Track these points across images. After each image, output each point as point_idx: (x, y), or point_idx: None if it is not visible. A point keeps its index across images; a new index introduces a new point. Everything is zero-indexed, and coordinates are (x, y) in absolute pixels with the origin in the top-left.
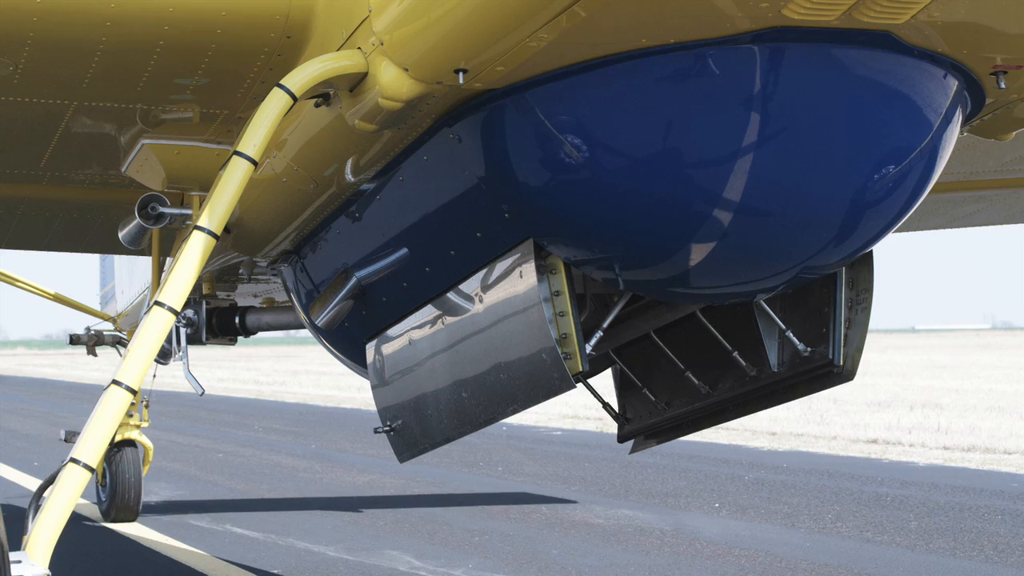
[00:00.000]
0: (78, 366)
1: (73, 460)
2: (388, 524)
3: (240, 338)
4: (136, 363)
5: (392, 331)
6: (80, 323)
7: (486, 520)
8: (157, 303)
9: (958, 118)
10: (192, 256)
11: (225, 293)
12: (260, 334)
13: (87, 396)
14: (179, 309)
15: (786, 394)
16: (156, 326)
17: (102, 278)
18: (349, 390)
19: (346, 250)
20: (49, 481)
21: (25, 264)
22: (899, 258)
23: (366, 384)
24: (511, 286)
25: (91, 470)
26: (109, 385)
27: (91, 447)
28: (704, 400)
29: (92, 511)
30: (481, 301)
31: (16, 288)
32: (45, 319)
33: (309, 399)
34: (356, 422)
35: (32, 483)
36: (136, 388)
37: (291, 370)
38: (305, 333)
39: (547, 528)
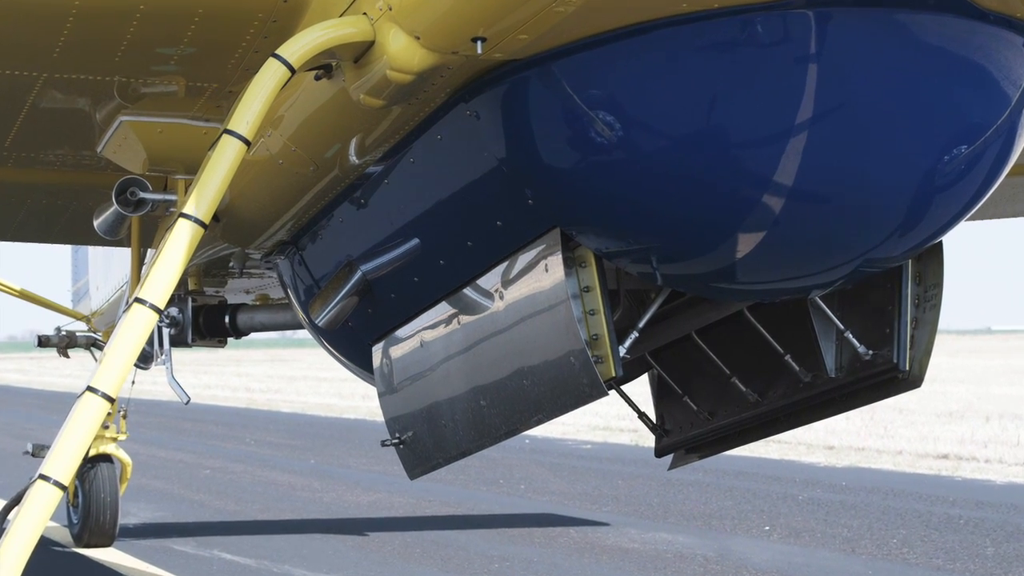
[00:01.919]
0: (46, 371)
1: (42, 477)
2: (396, 549)
3: (230, 339)
4: (114, 368)
5: (401, 332)
6: (49, 323)
7: (507, 544)
8: (137, 300)
9: None
10: (177, 247)
11: (214, 289)
12: (253, 335)
13: (57, 405)
14: (162, 307)
15: (845, 403)
16: (136, 326)
17: (74, 272)
18: (353, 398)
19: (350, 241)
20: (14, 501)
21: None
22: (972, 250)
23: (372, 391)
24: (535, 281)
25: (62, 488)
26: (83, 392)
27: (62, 462)
28: (752, 409)
29: (63, 535)
30: (502, 298)
31: None
32: (9, 318)
33: (307, 408)
34: (360, 434)
35: None
36: (114, 395)
37: (287, 375)
38: (303, 334)
39: (575, 553)
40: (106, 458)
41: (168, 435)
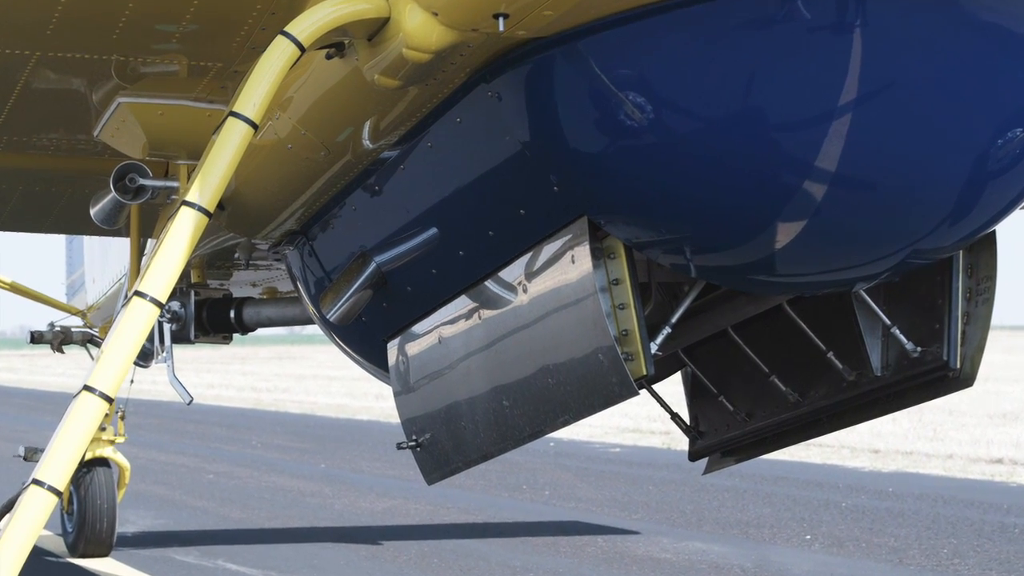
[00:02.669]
0: (38, 370)
1: (36, 482)
2: (413, 559)
3: (236, 335)
4: (112, 365)
5: (419, 327)
6: (42, 318)
7: (530, 554)
8: (137, 294)
9: None
10: (179, 237)
11: (218, 282)
12: (259, 331)
13: (49, 406)
14: (163, 301)
15: (891, 403)
16: (136, 321)
17: (68, 264)
18: (365, 398)
19: (363, 230)
20: (5, 508)
21: None
22: None
23: (387, 391)
24: (561, 273)
25: (57, 494)
26: (80, 392)
27: (57, 466)
28: (792, 410)
29: (57, 544)
30: (525, 291)
31: None
32: None
33: (317, 409)
34: (374, 436)
35: None
36: (112, 395)
37: (296, 374)
38: (313, 330)
39: (603, 564)
40: (103, 462)
41: (169, 438)
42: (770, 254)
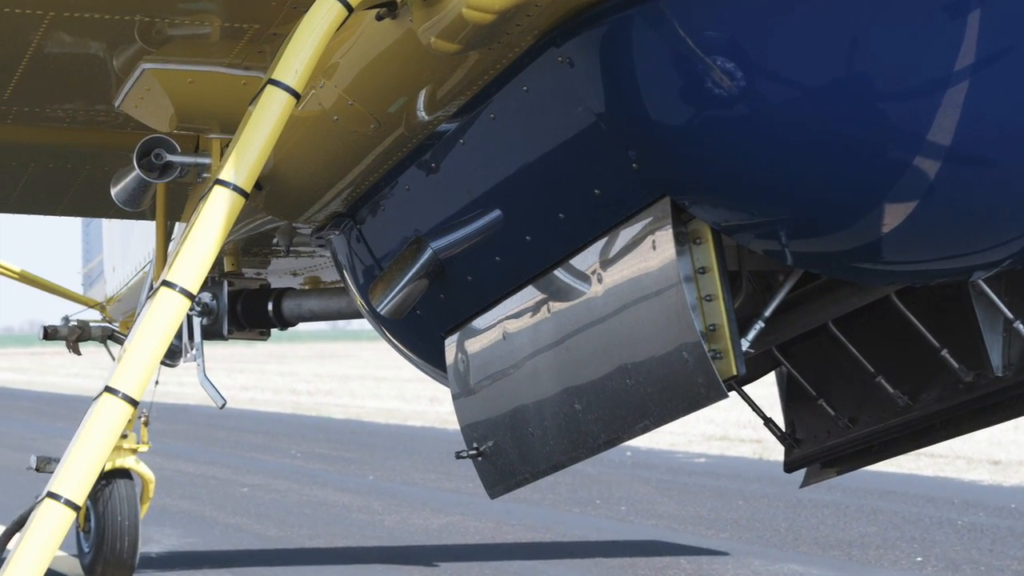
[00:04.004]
0: (49, 369)
1: (51, 495)
2: None
3: (274, 331)
4: (136, 365)
5: (480, 321)
6: (54, 311)
7: None
8: (165, 284)
9: None
10: (211, 221)
11: (255, 271)
12: (300, 326)
13: (63, 410)
14: (194, 292)
15: (1014, 408)
16: (163, 315)
17: (85, 251)
18: (419, 401)
19: (418, 212)
20: (16, 526)
21: None
22: None
23: (444, 393)
24: (641, 261)
25: (74, 508)
26: (101, 394)
27: (75, 477)
28: (901, 415)
29: (71, 566)
30: (600, 281)
31: None
32: (5, 306)
33: (364, 414)
34: (428, 444)
35: None
36: (137, 398)
37: (340, 374)
38: (359, 325)
39: None
40: (124, 473)
41: (198, 446)
42: (878, 239)
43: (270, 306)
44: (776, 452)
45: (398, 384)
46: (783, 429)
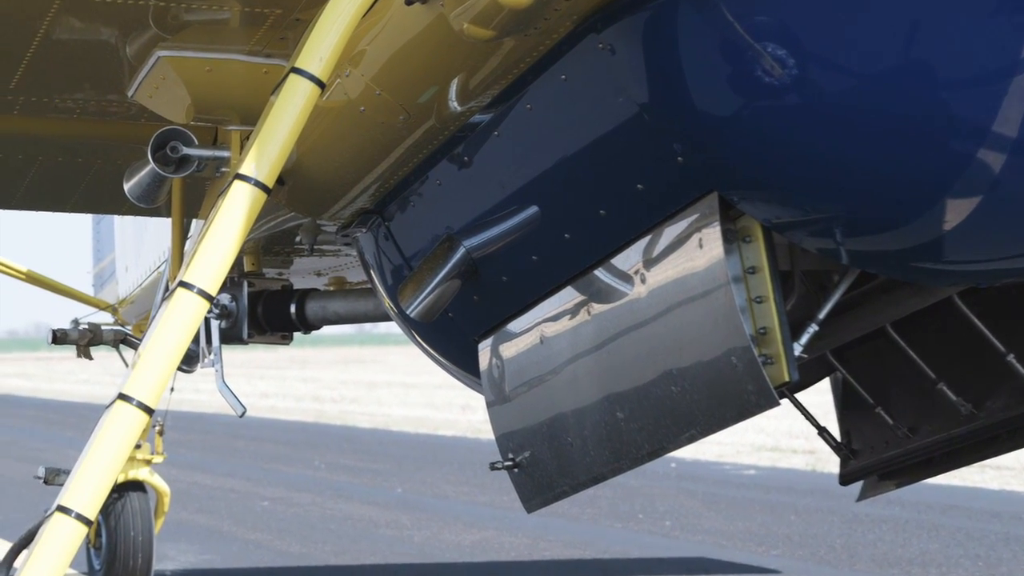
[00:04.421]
0: (56, 376)
1: (61, 509)
2: None
3: (296, 335)
4: (151, 370)
5: (516, 324)
6: (64, 314)
7: None
8: (182, 284)
9: None
10: (231, 217)
11: (276, 271)
12: (324, 329)
13: (72, 419)
14: (213, 293)
15: None
16: (180, 317)
17: (96, 249)
18: (450, 409)
19: (450, 209)
20: (24, 542)
21: None
22: None
23: (478, 400)
24: (687, 260)
25: (86, 523)
26: (115, 401)
27: (87, 490)
28: (965, 425)
29: None
30: (643, 282)
31: None
32: (10, 308)
33: (392, 423)
34: (461, 455)
35: None
36: (153, 405)
37: (366, 381)
38: (386, 328)
39: None
40: (137, 486)
41: (216, 457)
42: (943, 235)
43: (293, 308)
44: (831, 464)
45: (428, 391)
46: (838, 439)
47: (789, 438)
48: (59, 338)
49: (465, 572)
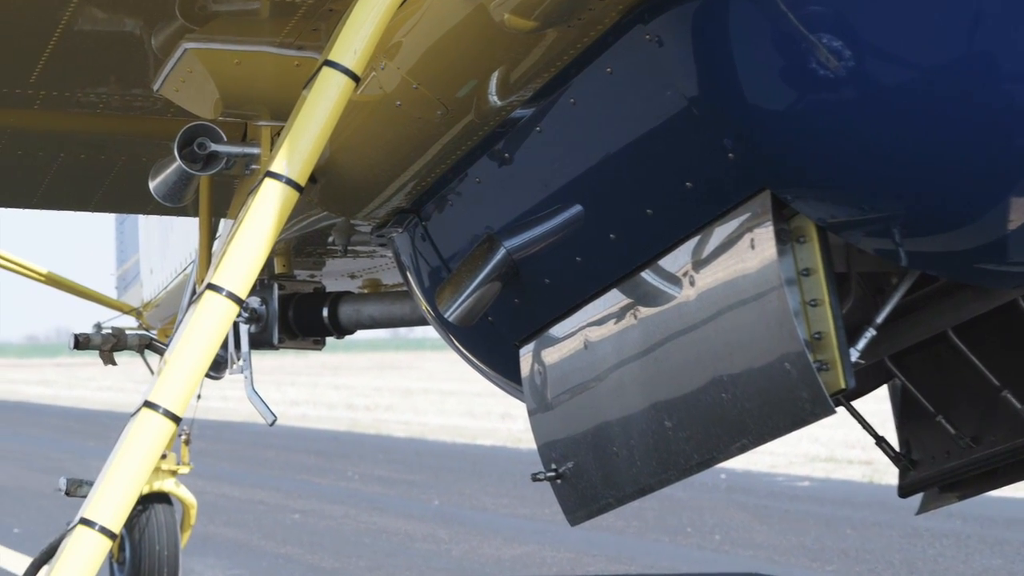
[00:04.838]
0: (78, 382)
1: (84, 522)
2: None
3: (329, 340)
4: (178, 377)
5: (559, 329)
6: (86, 318)
7: None
8: (210, 287)
9: None
10: (262, 217)
11: (308, 273)
12: (358, 334)
13: (94, 428)
14: (243, 296)
15: None
16: (208, 321)
17: (120, 251)
18: (489, 418)
19: (490, 208)
20: (45, 556)
21: (3, 231)
22: None
23: (518, 408)
24: (738, 261)
25: (111, 536)
26: (140, 409)
27: (112, 502)
28: None
29: None
30: (692, 284)
31: None
32: (30, 312)
33: (429, 432)
34: (500, 466)
35: (16, 561)
36: (180, 413)
37: (402, 388)
38: (423, 332)
39: None
40: (163, 497)
41: (244, 467)
42: (1008, 234)
43: (325, 312)
44: (889, 475)
45: (466, 399)
46: (897, 449)
47: (845, 448)
48: (81, 343)
49: None
